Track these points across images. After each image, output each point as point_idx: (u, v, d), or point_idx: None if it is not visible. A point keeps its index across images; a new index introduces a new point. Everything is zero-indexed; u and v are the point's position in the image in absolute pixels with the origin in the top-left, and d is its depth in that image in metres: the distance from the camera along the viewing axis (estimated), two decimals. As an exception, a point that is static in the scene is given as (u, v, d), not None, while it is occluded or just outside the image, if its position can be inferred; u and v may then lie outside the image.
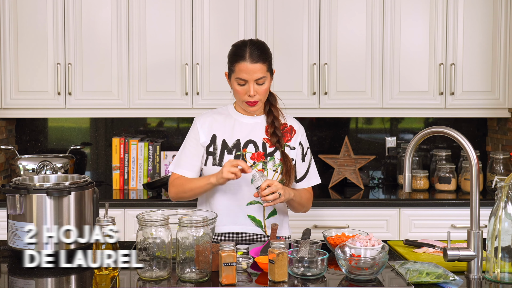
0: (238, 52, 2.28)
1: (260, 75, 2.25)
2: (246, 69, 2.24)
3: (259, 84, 2.27)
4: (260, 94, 2.28)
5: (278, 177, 2.31)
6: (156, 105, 3.52)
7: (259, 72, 2.25)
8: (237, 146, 2.32)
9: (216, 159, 2.32)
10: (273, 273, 1.76)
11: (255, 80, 2.25)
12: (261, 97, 2.30)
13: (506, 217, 1.81)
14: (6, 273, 1.94)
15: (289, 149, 2.37)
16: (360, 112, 3.60)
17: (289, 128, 2.40)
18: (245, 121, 2.37)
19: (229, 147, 2.32)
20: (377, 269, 1.78)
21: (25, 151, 3.84)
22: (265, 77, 2.27)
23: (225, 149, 2.32)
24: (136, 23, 3.49)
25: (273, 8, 3.50)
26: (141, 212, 1.96)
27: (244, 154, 2.31)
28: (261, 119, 2.39)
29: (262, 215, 2.33)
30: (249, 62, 2.24)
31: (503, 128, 3.74)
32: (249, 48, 2.26)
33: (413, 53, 3.55)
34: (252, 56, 2.25)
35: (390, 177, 3.93)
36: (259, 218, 2.33)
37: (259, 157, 2.31)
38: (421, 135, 1.94)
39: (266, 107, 2.39)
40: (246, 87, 2.26)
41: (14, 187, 2.01)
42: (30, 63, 3.49)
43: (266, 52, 2.30)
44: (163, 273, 1.82)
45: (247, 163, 2.28)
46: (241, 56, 2.26)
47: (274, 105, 2.39)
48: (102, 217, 1.86)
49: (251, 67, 2.24)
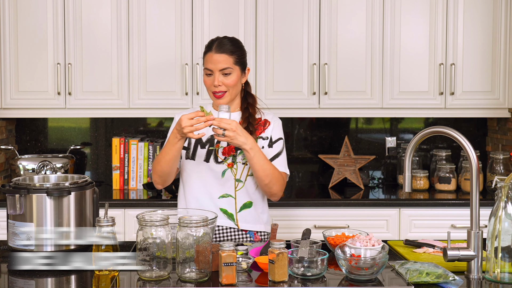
0: (208, 45, 2.40)
1: (225, 65, 2.33)
2: (211, 59, 2.34)
3: (225, 74, 2.34)
4: (227, 86, 2.35)
5: (249, 170, 2.38)
6: (156, 105, 3.52)
7: (224, 62, 2.33)
8: (211, 141, 2.41)
9: (189, 153, 2.41)
10: (273, 273, 1.76)
11: (220, 71, 2.33)
12: (227, 89, 2.35)
13: (506, 217, 1.81)
14: (6, 273, 1.94)
15: (262, 140, 2.42)
16: (360, 112, 3.60)
17: (263, 122, 2.45)
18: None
19: (203, 142, 2.41)
20: (377, 269, 1.78)
21: (25, 151, 3.84)
22: (231, 68, 2.34)
23: (199, 144, 2.41)
24: (136, 23, 3.49)
25: (273, 8, 3.51)
26: (141, 212, 1.96)
27: (217, 150, 2.39)
28: (235, 116, 2.43)
29: (234, 208, 2.39)
30: (214, 52, 2.34)
31: (503, 128, 3.74)
32: (218, 41, 2.37)
33: (413, 53, 3.55)
34: (218, 47, 2.34)
35: (390, 177, 3.93)
36: (231, 211, 2.39)
37: (230, 151, 2.38)
38: (421, 135, 1.94)
39: (243, 105, 2.45)
40: (212, 78, 2.35)
41: (14, 187, 2.01)
42: (30, 63, 3.50)
43: (234, 45, 2.39)
44: (163, 273, 1.82)
45: (218, 158, 2.37)
46: (209, 47, 2.38)
47: (252, 104, 2.45)
48: (102, 217, 1.86)
49: (216, 56, 2.33)
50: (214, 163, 2.38)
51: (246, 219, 2.40)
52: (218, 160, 2.38)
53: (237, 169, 2.38)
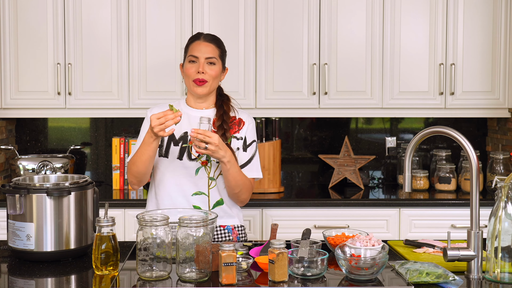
0: (194, 36, 2.48)
1: (211, 55, 2.40)
2: (198, 47, 2.40)
3: (209, 63, 2.39)
4: (209, 76, 2.38)
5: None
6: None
7: (211, 52, 2.40)
8: (184, 138, 2.41)
9: (162, 151, 2.41)
10: (273, 273, 1.76)
11: (206, 59, 2.38)
12: (209, 79, 2.38)
13: (506, 217, 1.81)
14: (6, 273, 1.94)
15: (236, 139, 2.43)
16: (360, 112, 3.60)
17: (237, 121, 2.47)
18: (194, 114, 2.44)
19: (176, 139, 2.41)
20: (377, 269, 1.78)
21: (25, 151, 3.84)
22: (216, 59, 2.41)
23: (172, 141, 2.41)
24: (136, 23, 3.49)
25: (273, 8, 3.51)
26: (141, 212, 1.96)
27: (190, 147, 2.39)
28: (209, 113, 2.45)
29: (207, 205, 2.40)
30: (203, 41, 2.42)
31: (503, 128, 3.74)
32: (205, 33, 2.47)
33: (413, 53, 3.55)
34: (206, 37, 2.44)
35: (390, 177, 3.93)
36: (204, 208, 2.38)
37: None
38: (421, 135, 1.94)
39: (218, 102, 2.46)
40: (197, 65, 2.39)
41: (14, 187, 2.01)
42: (30, 63, 3.50)
43: (220, 41, 2.48)
44: (163, 273, 1.82)
45: (192, 155, 2.38)
46: (196, 37, 2.45)
47: (226, 102, 2.47)
48: (102, 217, 1.86)
49: (204, 44, 2.41)
50: (188, 161, 2.38)
51: (220, 214, 2.39)
52: (191, 157, 2.38)
53: (211, 167, 2.39)
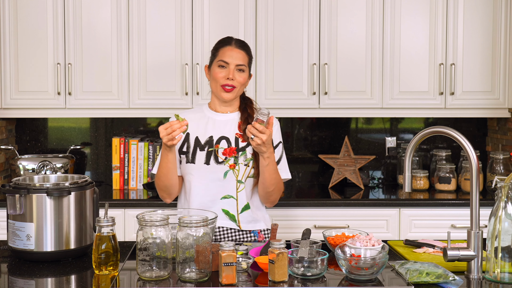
0: (224, 40, 2.45)
1: (242, 62, 2.38)
2: (230, 53, 2.38)
3: (239, 70, 2.37)
4: (238, 83, 2.37)
5: (250, 171, 2.37)
6: (156, 105, 3.52)
7: (242, 59, 2.39)
8: (210, 142, 2.39)
9: (189, 157, 2.39)
10: (273, 273, 1.76)
11: (236, 66, 2.36)
12: (238, 86, 2.37)
13: (506, 217, 1.81)
14: (6, 273, 1.93)
15: None
16: (360, 112, 3.60)
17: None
18: (219, 119, 2.44)
19: (202, 144, 2.40)
20: (377, 269, 1.78)
21: (25, 151, 3.84)
22: (245, 66, 2.39)
23: (198, 146, 2.40)
24: (136, 23, 3.49)
25: (273, 8, 3.51)
26: (141, 212, 1.96)
27: (216, 150, 2.38)
28: (234, 116, 2.44)
29: (235, 209, 2.38)
30: (235, 47, 2.40)
31: (503, 128, 3.74)
32: (236, 39, 2.45)
33: (413, 53, 3.55)
34: (238, 44, 2.42)
35: (390, 177, 3.93)
36: (232, 212, 2.38)
37: (231, 152, 2.37)
38: (421, 135, 1.94)
39: (241, 106, 2.46)
40: (227, 71, 2.36)
41: (14, 187, 2.01)
42: (30, 63, 3.50)
43: (249, 48, 2.47)
44: (163, 273, 1.82)
45: (219, 158, 2.36)
46: (227, 42, 2.42)
47: (249, 105, 2.47)
48: (102, 217, 1.86)
49: (236, 51, 2.39)
50: (215, 164, 2.37)
51: (247, 219, 2.40)
52: (218, 160, 2.37)
53: (239, 170, 2.37)
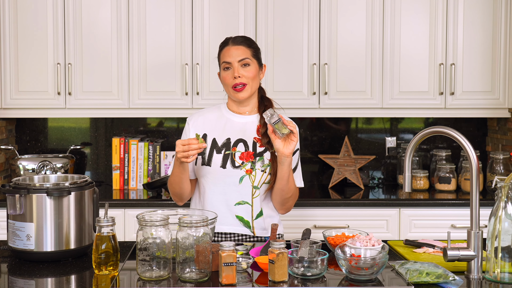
0: (223, 42, 2.40)
1: (243, 56, 2.32)
2: (228, 52, 2.33)
3: (244, 65, 2.31)
4: (247, 78, 2.31)
5: (267, 177, 2.31)
6: (156, 105, 3.52)
7: (242, 54, 2.32)
8: (227, 145, 2.33)
9: (205, 159, 2.33)
10: (273, 273, 1.76)
11: (239, 62, 2.31)
12: (247, 81, 2.31)
13: (506, 217, 1.81)
14: (6, 273, 1.94)
15: None
16: (360, 112, 3.60)
17: None
18: (237, 120, 2.38)
19: (219, 146, 2.33)
20: (377, 269, 1.78)
21: (25, 151, 3.84)
22: (249, 59, 2.33)
23: (214, 148, 2.33)
24: (136, 23, 3.49)
25: (273, 8, 3.51)
26: (141, 212, 1.96)
27: (234, 154, 2.31)
28: (253, 119, 2.39)
29: (250, 215, 2.32)
30: (232, 45, 2.34)
31: (503, 128, 3.74)
32: (233, 37, 2.40)
33: (413, 53, 3.55)
34: (234, 40, 2.36)
35: (390, 177, 3.93)
36: (247, 218, 2.32)
37: (248, 156, 2.31)
38: (421, 135, 1.94)
39: (260, 108, 2.39)
40: (231, 71, 2.31)
41: (14, 187, 2.01)
42: (30, 63, 3.50)
43: (249, 40, 2.40)
44: (163, 273, 1.82)
45: (236, 163, 2.30)
46: (225, 43, 2.38)
47: (269, 107, 2.38)
48: (102, 217, 1.86)
49: (233, 48, 2.33)
50: (231, 169, 2.30)
51: (262, 226, 2.34)
52: (235, 164, 2.30)
53: (255, 175, 2.30)
